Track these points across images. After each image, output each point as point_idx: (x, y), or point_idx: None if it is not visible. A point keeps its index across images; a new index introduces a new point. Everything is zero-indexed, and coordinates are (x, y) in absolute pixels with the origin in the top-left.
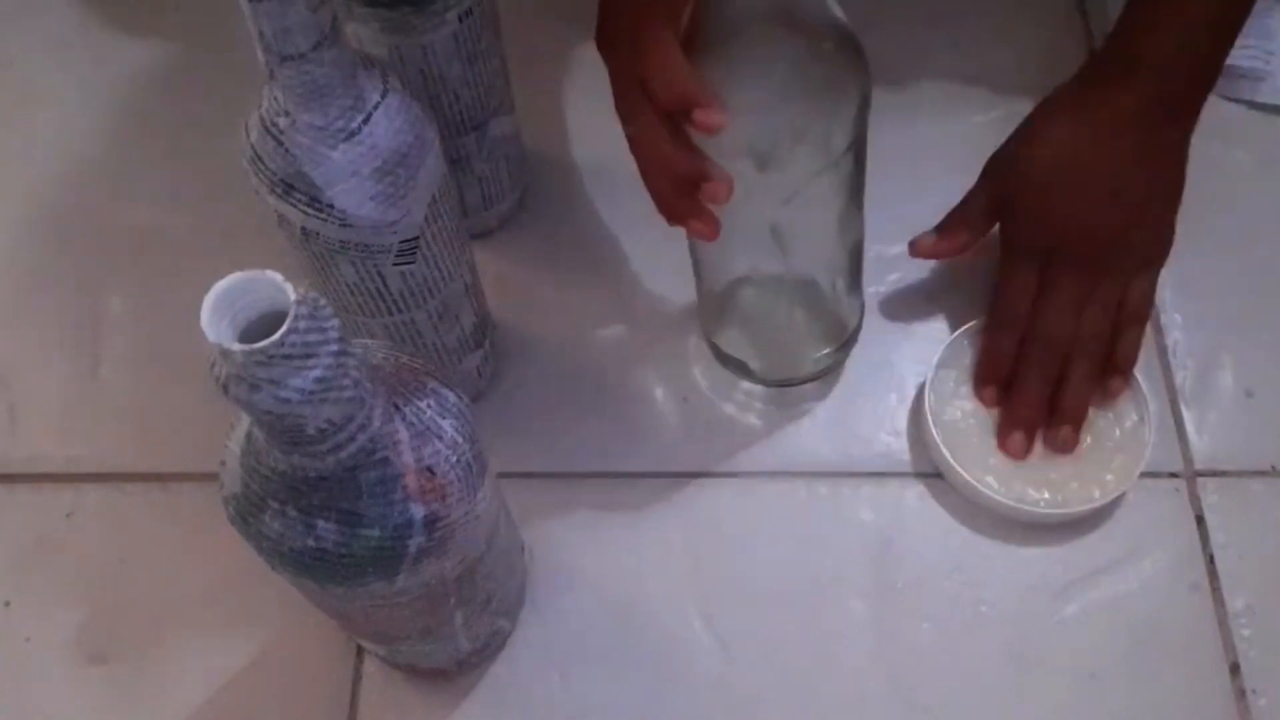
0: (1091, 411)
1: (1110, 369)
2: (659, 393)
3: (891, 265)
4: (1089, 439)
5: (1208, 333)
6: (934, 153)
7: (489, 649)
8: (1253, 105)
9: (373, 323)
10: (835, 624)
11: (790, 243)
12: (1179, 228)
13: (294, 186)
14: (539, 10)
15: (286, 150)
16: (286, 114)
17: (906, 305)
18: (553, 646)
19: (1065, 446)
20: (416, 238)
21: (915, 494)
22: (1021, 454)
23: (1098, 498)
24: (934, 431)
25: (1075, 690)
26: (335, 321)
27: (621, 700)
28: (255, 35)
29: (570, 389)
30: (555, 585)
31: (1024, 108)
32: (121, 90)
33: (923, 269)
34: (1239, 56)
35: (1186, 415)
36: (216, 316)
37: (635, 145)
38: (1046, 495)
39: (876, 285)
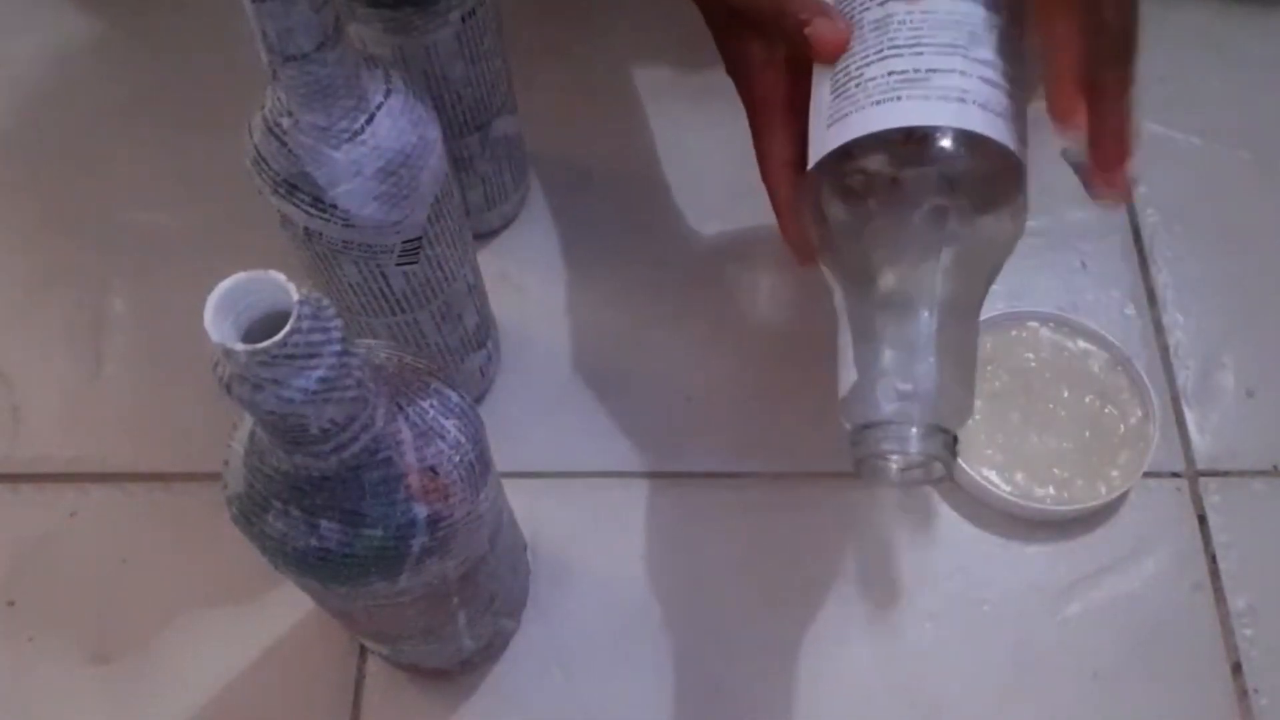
0: (1096, 408)
1: None
2: (661, 392)
3: None
4: (1090, 434)
5: (1209, 333)
6: None
7: (492, 649)
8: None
9: (376, 323)
10: (837, 623)
11: None
12: (1183, 229)
13: (297, 187)
14: (542, 10)
15: (289, 151)
16: (289, 114)
17: None
18: (556, 646)
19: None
20: (419, 238)
21: (918, 493)
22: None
23: (1104, 494)
24: None
25: (1077, 690)
26: (338, 322)
27: (624, 700)
28: (258, 35)
29: (573, 389)
30: (558, 585)
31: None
32: (125, 90)
33: None
34: None
35: (1188, 415)
36: (219, 317)
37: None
38: (1052, 492)
39: None
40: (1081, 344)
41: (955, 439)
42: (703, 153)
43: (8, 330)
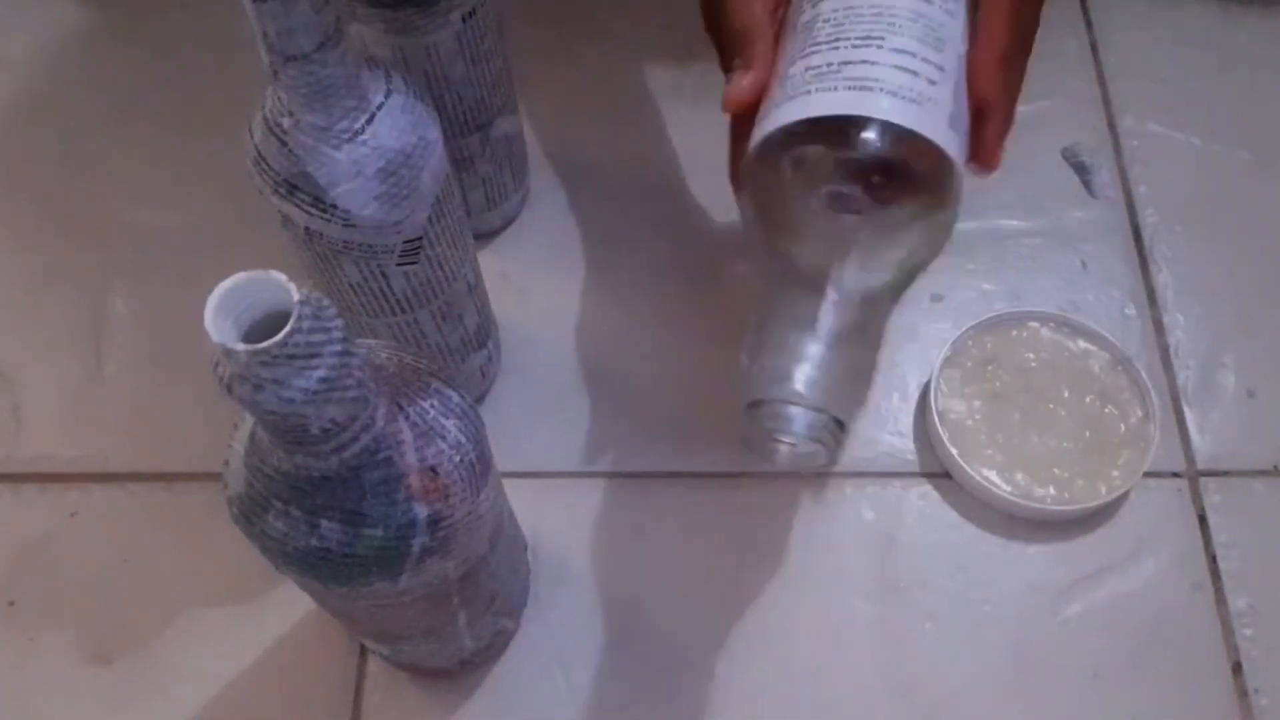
0: (1096, 408)
1: None
2: (663, 393)
3: None
4: (1090, 434)
5: (1209, 333)
6: None
7: (492, 649)
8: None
9: (376, 323)
10: (838, 624)
11: None
12: (1184, 230)
13: (297, 187)
14: (542, 10)
15: (290, 151)
16: (290, 114)
17: (909, 304)
18: (556, 646)
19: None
20: (420, 238)
21: (918, 493)
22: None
23: (1104, 494)
24: (940, 430)
25: (1077, 690)
26: (339, 322)
27: (624, 700)
28: (259, 35)
29: (574, 389)
30: (559, 585)
31: (1025, 107)
32: (125, 90)
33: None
34: None
35: (1189, 415)
36: (220, 317)
37: None
38: (1053, 492)
39: None
40: (1082, 344)
41: (842, 425)
42: (703, 152)
43: (9, 330)
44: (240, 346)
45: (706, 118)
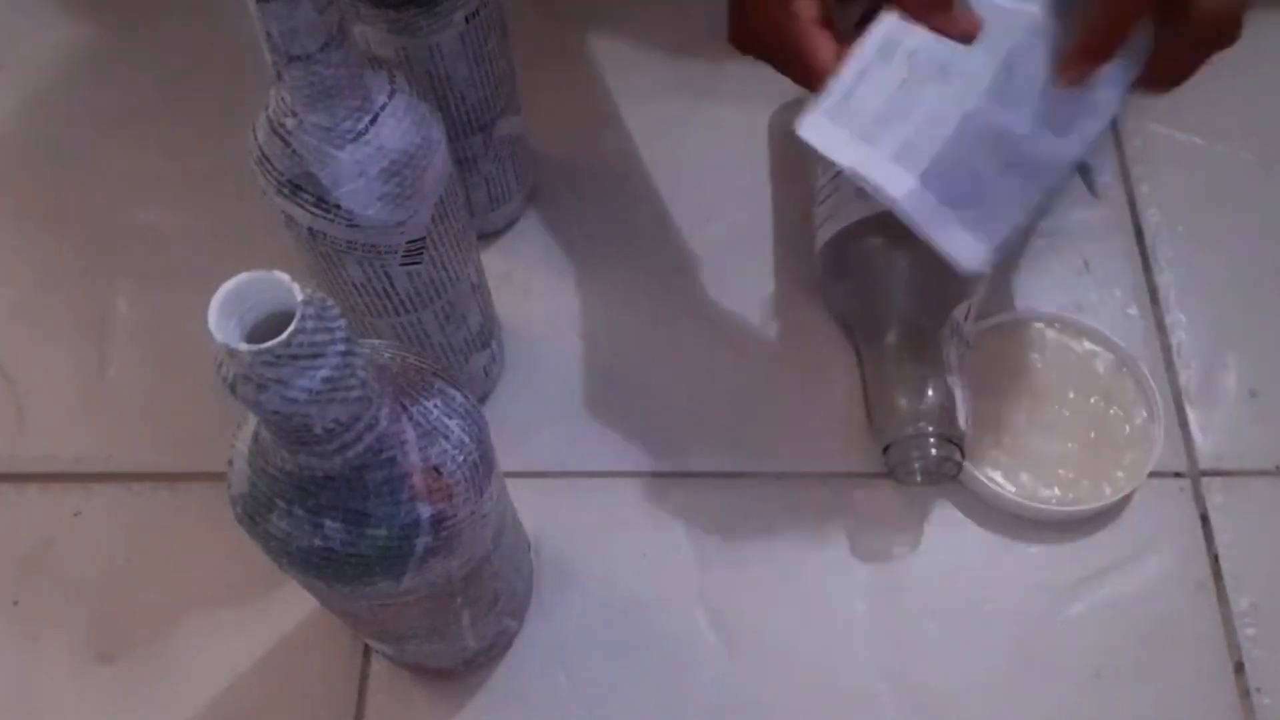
0: (1101, 409)
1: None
2: (664, 392)
3: None
4: (1095, 435)
5: (1212, 332)
6: None
7: (496, 648)
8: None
9: (380, 323)
10: (840, 623)
11: None
12: (1186, 230)
13: (301, 187)
14: (545, 10)
15: (294, 151)
16: (294, 115)
17: None
18: (559, 646)
19: None
20: (423, 238)
21: (920, 493)
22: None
23: (1108, 495)
24: None
25: (1080, 689)
26: (342, 322)
27: (627, 700)
28: (262, 36)
29: (576, 389)
30: (562, 585)
31: None
32: (130, 91)
33: None
34: None
35: (1191, 415)
36: (223, 316)
37: None
38: (1057, 493)
39: None
40: (1087, 345)
41: (962, 435)
42: (705, 153)
43: (12, 330)
44: (244, 346)
45: (709, 117)
